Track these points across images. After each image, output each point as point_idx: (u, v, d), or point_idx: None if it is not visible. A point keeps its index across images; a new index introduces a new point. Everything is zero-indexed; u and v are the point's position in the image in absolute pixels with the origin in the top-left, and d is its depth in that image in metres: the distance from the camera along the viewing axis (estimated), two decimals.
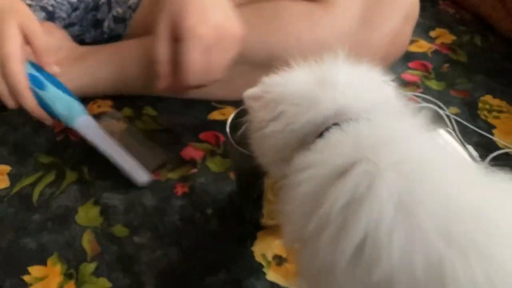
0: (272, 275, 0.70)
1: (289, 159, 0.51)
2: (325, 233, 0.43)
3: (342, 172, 0.44)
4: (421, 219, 0.40)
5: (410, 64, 1.10)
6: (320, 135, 0.50)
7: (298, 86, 0.52)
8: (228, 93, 0.95)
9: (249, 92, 0.57)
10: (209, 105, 0.96)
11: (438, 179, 0.42)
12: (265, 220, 0.75)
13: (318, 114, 0.50)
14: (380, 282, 0.41)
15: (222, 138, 0.89)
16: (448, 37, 1.17)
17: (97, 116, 0.90)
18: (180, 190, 0.81)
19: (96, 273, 0.70)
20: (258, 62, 0.91)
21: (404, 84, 1.04)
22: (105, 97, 0.96)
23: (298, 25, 0.87)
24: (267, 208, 0.74)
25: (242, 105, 0.74)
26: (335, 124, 0.49)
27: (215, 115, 0.94)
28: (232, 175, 0.82)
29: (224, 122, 0.93)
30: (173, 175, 0.83)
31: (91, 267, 0.71)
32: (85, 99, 0.94)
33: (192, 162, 0.85)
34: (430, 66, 1.09)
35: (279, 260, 0.72)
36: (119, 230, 0.75)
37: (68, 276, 0.70)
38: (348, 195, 0.42)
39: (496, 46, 1.15)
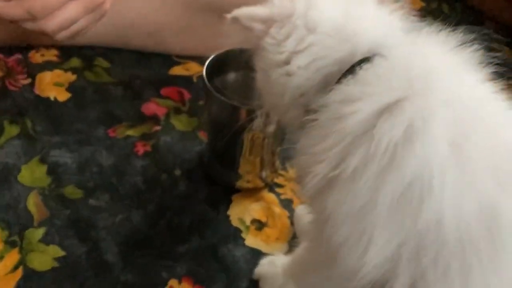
0: (251, 241, 0.62)
1: (308, 103, 0.45)
2: (368, 170, 0.38)
3: (394, 107, 0.39)
4: (474, 160, 0.36)
5: None
6: (349, 70, 0.43)
7: (330, 14, 0.45)
8: (190, 47, 0.86)
9: (251, 11, 0.48)
10: (169, 59, 0.86)
11: (489, 120, 0.38)
12: (240, 183, 0.67)
13: (354, 48, 0.43)
14: (426, 228, 0.36)
15: (187, 95, 0.79)
16: (417, 3, 1.14)
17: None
18: (141, 149, 0.71)
19: (45, 240, 0.59)
20: (227, 10, 0.82)
21: None
22: (49, 45, 0.83)
23: None
24: (244, 169, 0.66)
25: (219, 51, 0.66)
26: (366, 59, 0.43)
27: (177, 70, 0.84)
28: (201, 135, 0.74)
29: (188, 78, 0.85)
30: (132, 132, 0.73)
31: (38, 233, 0.60)
32: (26, 48, 0.81)
33: (155, 119, 0.75)
34: None
35: (259, 224, 0.64)
36: (71, 191, 0.65)
37: (10, 244, 0.59)
38: (400, 131, 0.38)
39: (463, 14, 1.14)
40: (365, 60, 0.43)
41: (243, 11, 0.48)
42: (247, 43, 0.50)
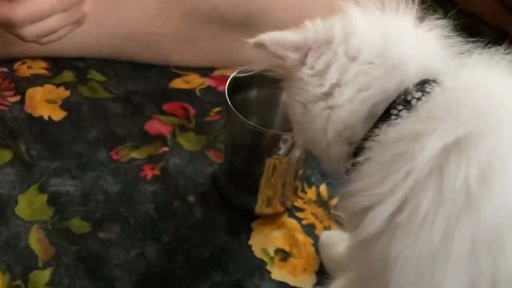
0: (277, 274, 0.58)
1: (353, 136, 0.42)
2: (440, 214, 0.35)
3: (464, 142, 0.36)
4: None
5: None
6: (398, 100, 0.39)
7: (370, 39, 0.41)
8: (191, 58, 0.80)
9: (281, 37, 0.43)
10: (168, 71, 0.80)
11: None
12: (259, 208, 0.62)
13: (402, 76, 0.40)
14: (506, 276, 0.35)
15: (191, 111, 0.74)
16: None
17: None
18: (149, 172, 0.65)
19: (53, 282, 0.53)
20: (231, 22, 0.78)
21: None
22: (35, 56, 0.76)
23: None
24: (265, 194, 0.61)
25: (239, 66, 0.61)
26: (418, 87, 0.40)
27: (178, 83, 0.78)
28: (211, 155, 0.68)
29: (190, 92, 0.79)
30: (137, 154, 0.67)
31: (45, 275, 0.54)
32: (11, 60, 0.74)
33: (161, 138, 0.69)
34: None
35: (283, 254, 0.60)
36: (77, 224, 0.59)
37: None
38: (474, 170, 0.35)
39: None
40: (418, 88, 0.40)
41: (271, 37, 0.44)
42: (275, 70, 0.46)
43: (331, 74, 0.41)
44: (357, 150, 0.41)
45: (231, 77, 0.60)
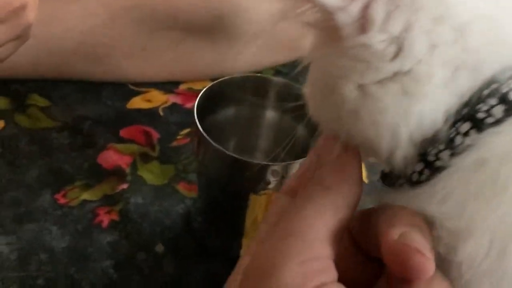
0: None
1: (433, 138, 0.27)
2: None
3: None
4: None
5: None
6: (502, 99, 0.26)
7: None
8: (150, 72, 0.68)
9: None
10: (125, 89, 0.67)
11: None
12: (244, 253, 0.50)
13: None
14: None
15: (155, 135, 0.62)
16: None
17: None
18: (105, 218, 0.52)
19: None
20: (196, 27, 0.66)
21: None
22: None
23: None
24: (250, 237, 0.49)
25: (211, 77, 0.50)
26: None
27: (136, 103, 0.66)
28: (181, 188, 0.56)
29: (152, 112, 0.67)
30: (89, 195, 0.54)
31: None
32: None
33: (118, 173, 0.57)
34: None
35: None
36: None
37: None
38: None
39: None
40: None
41: None
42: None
43: (418, 43, 0.26)
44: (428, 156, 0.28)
45: (202, 92, 0.48)
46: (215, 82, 0.49)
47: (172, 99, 0.66)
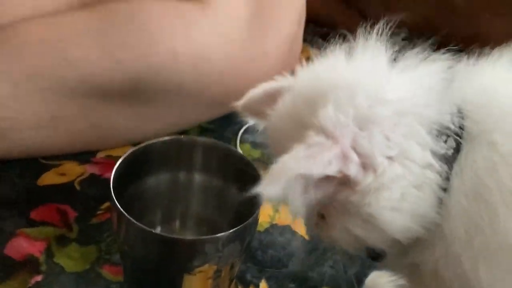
0: None
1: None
2: None
3: None
4: None
5: None
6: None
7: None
8: (61, 144, 0.61)
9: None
10: (34, 164, 0.60)
11: None
12: None
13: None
14: None
15: (72, 214, 0.55)
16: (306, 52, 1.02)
17: None
18: None
19: None
20: (111, 92, 0.60)
21: None
22: None
23: (169, 33, 0.59)
24: None
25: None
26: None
27: (49, 178, 0.59)
28: (106, 272, 0.49)
29: (68, 187, 0.60)
30: None
31: None
32: None
33: (30, 264, 0.49)
34: None
35: None
36: None
37: None
38: None
39: None
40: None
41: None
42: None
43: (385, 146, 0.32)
44: None
45: (120, 160, 0.43)
46: (135, 147, 0.44)
47: (89, 169, 0.60)
